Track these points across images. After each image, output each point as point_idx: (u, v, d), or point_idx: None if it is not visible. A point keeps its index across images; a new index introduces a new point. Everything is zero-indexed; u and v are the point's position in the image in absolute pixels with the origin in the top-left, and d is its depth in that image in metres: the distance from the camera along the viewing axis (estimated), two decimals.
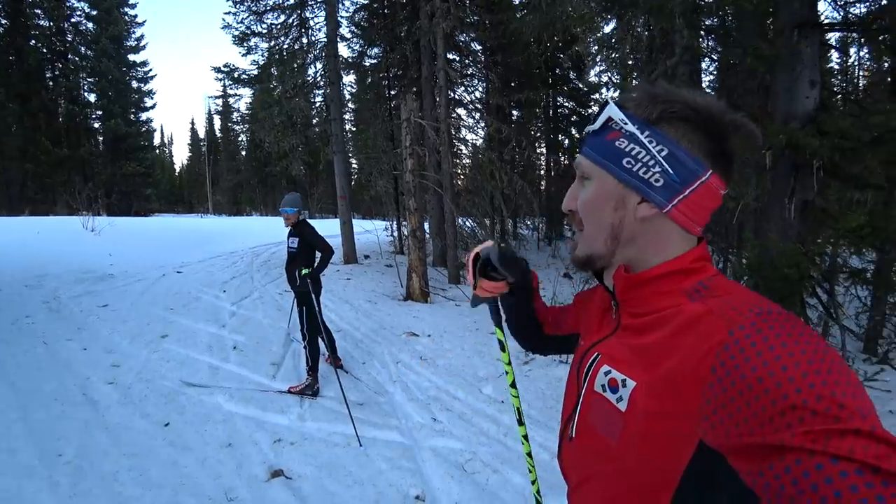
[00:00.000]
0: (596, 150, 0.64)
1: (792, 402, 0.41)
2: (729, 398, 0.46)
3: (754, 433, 0.43)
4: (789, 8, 3.33)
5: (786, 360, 0.43)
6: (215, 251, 11.58)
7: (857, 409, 0.40)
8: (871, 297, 5.66)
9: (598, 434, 0.64)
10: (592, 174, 0.65)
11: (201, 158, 48.45)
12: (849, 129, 3.28)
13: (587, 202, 0.66)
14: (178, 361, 4.39)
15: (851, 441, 0.38)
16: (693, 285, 0.59)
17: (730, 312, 0.51)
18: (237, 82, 11.99)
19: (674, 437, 0.53)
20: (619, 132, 0.62)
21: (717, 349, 0.49)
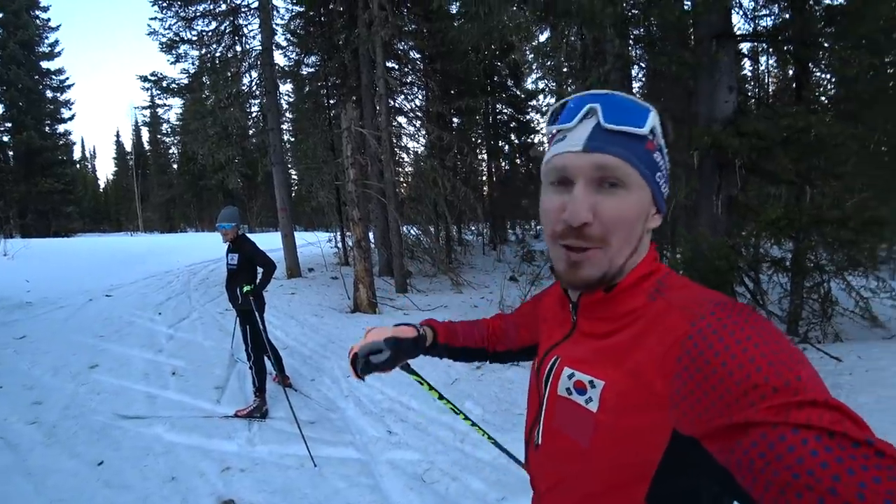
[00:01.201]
0: (639, 158, 0.60)
1: (754, 382, 0.44)
2: (696, 385, 0.49)
3: (723, 414, 0.45)
4: (708, 20, 3.60)
5: (745, 345, 0.47)
6: (148, 271, 10.86)
7: (810, 381, 0.44)
8: (791, 283, 6.17)
9: (566, 437, 0.63)
10: (633, 184, 0.59)
11: (129, 173, 45.24)
12: (763, 130, 3.58)
13: (624, 214, 0.59)
14: (110, 392, 4.05)
15: (808, 411, 0.41)
16: (652, 285, 0.62)
17: (690, 306, 0.55)
18: (166, 92, 11.31)
19: (648, 429, 0.54)
20: (653, 143, 0.62)
21: (681, 340, 0.52)
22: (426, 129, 11.74)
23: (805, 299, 6.15)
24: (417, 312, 7.63)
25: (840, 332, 6.07)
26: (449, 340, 1.04)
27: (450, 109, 12.09)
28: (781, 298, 6.54)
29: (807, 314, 6.24)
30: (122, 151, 49.01)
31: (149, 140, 43.39)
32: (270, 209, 32.76)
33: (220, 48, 10.88)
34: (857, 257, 5.83)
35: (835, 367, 4.78)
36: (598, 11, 3.20)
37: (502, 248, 16.61)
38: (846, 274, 6.18)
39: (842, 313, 6.42)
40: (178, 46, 10.54)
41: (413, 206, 11.19)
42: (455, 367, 5.13)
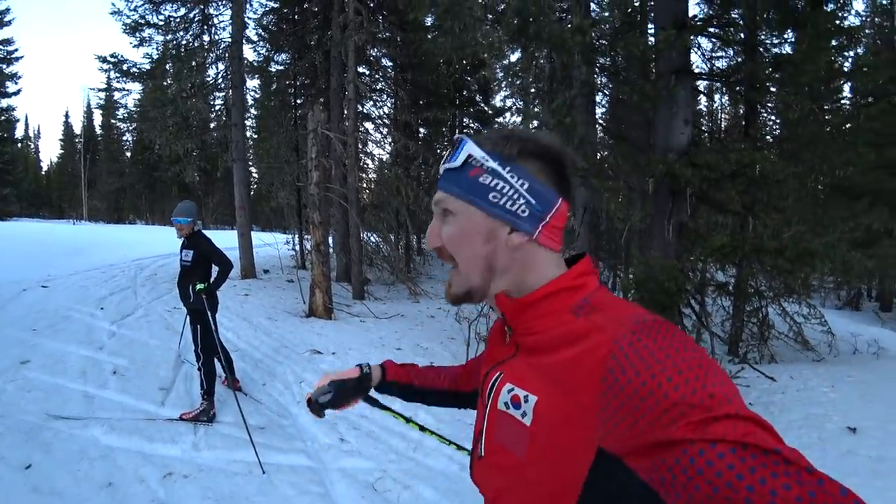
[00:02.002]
0: (459, 186, 0.66)
1: (672, 401, 0.46)
2: (619, 404, 0.51)
3: (645, 433, 0.48)
4: (668, 56, 3.83)
5: (664, 364, 0.49)
6: (91, 263, 10.22)
7: (724, 396, 0.46)
8: (733, 307, 6.56)
9: (505, 451, 0.66)
10: (457, 210, 0.67)
11: (76, 157, 42.43)
12: (714, 163, 3.82)
13: (455, 238, 0.68)
14: (42, 391, 3.76)
15: (724, 425, 0.44)
16: (577, 302, 0.64)
17: (613, 324, 0.56)
18: (125, 75, 10.77)
19: (575, 445, 0.56)
20: (480, 169, 0.65)
21: (605, 360, 0.53)
22: (393, 136, 11.74)
23: (745, 322, 6.56)
24: (374, 320, 7.58)
25: (775, 354, 6.49)
26: (400, 378, 1.07)
27: (417, 119, 12.15)
28: (724, 321, 6.94)
29: (746, 336, 6.66)
30: (70, 134, 46.05)
31: (101, 124, 40.90)
32: (227, 206, 31.70)
33: (187, 36, 10.50)
34: (792, 285, 6.29)
35: (769, 386, 5.11)
36: (568, 38, 3.35)
37: None
38: (782, 300, 6.64)
39: (777, 336, 6.89)
40: (142, 29, 10.08)
41: (375, 213, 11.15)
42: None
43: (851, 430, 4.04)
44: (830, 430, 4.11)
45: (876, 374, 5.56)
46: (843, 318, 10.38)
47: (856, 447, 3.82)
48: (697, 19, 4.28)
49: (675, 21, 3.81)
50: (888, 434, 3.96)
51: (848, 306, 13.75)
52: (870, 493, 3.12)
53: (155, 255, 12.44)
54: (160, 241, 14.88)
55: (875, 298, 14.82)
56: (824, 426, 4.20)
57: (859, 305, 13.86)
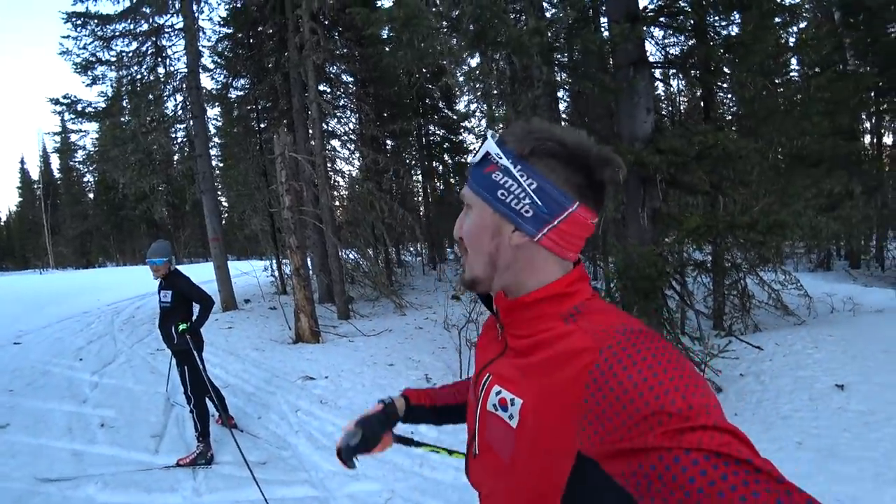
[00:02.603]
0: (476, 181, 0.69)
1: (652, 409, 0.48)
2: (601, 410, 0.52)
3: (623, 439, 0.49)
4: (625, 48, 3.93)
5: (646, 374, 0.51)
6: (63, 313, 9.89)
7: (703, 407, 0.48)
8: (712, 283, 6.73)
9: (493, 452, 0.68)
10: (473, 204, 0.70)
11: (36, 204, 41.07)
12: (679, 147, 3.92)
13: (469, 230, 0.71)
14: (27, 454, 3.61)
15: (700, 434, 0.45)
16: (568, 309, 0.65)
17: (599, 333, 0.58)
18: (81, 116, 10.41)
19: (556, 448, 0.58)
20: (495, 165, 0.66)
21: (589, 367, 0.55)
22: (361, 152, 11.71)
23: (726, 296, 6.74)
24: (362, 338, 7.51)
25: (759, 323, 6.68)
26: (424, 401, 1.05)
27: (383, 132, 12.14)
28: (706, 297, 7.11)
29: (729, 309, 6.83)
30: (27, 180, 44.51)
31: (60, 167, 39.67)
32: (200, 239, 31.12)
33: (141, 70, 10.26)
34: (766, 255, 6.48)
35: (757, 356, 5.26)
36: (526, 40, 3.41)
37: (442, 267, 16.74)
38: (758, 270, 6.84)
39: (758, 306, 7.09)
40: (94, 67, 9.80)
41: (351, 230, 11.08)
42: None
43: (839, 388, 4.17)
44: (819, 390, 4.25)
45: (855, 330, 5.77)
46: (817, 280, 10.73)
47: (846, 403, 3.95)
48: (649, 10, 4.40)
49: (628, 14, 3.92)
50: (874, 387, 4.11)
51: (820, 268, 14.21)
52: (865, 445, 3.24)
53: (130, 297, 12.11)
54: (134, 281, 14.50)
55: (844, 257, 15.37)
56: (813, 386, 4.33)
57: (830, 265, 14.34)
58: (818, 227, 5.44)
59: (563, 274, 0.68)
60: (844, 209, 8.22)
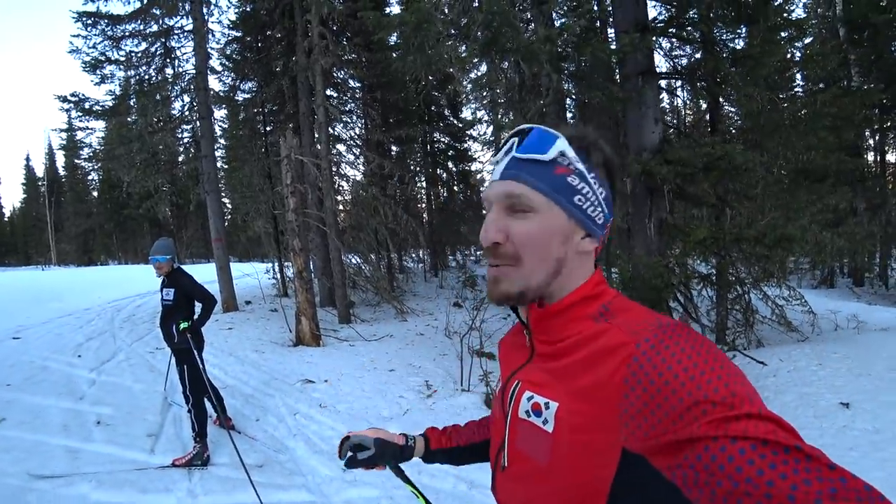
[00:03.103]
0: (544, 182, 0.63)
1: (695, 399, 0.47)
2: (643, 404, 0.51)
3: (668, 431, 0.48)
4: (634, 59, 3.93)
5: (685, 363, 0.50)
6: (64, 309, 9.88)
7: (746, 395, 0.47)
8: (717, 296, 6.69)
9: (528, 458, 0.66)
10: (540, 207, 0.64)
11: (40, 200, 41.22)
12: (687, 158, 3.91)
13: (532, 235, 0.64)
14: (22, 450, 3.56)
15: (745, 423, 0.44)
16: (597, 309, 0.65)
17: (634, 328, 0.57)
18: (88, 114, 10.45)
19: (599, 448, 0.57)
20: (569, 169, 0.64)
21: (627, 362, 0.54)
22: (366, 157, 11.73)
23: (729, 310, 6.69)
24: (363, 343, 7.48)
25: (762, 339, 6.61)
26: (444, 444, 1.04)
27: (389, 138, 12.17)
28: (709, 310, 7.06)
29: (732, 323, 6.77)
30: (32, 177, 44.74)
31: (65, 165, 39.75)
32: (202, 239, 31.15)
33: (150, 70, 10.33)
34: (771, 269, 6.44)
35: (761, 371, 5.19)
36: (537, 48, 3.41)
37: (444, 274, 16.71)
38: (762, 285, 6.80)
39: (761, 321, 7.02)
40: (103, 66, 9.86)
41: (354, 235, 11.07)
42: (406, 398, 5.06)
43: (844, 405, 4.12)
44: (824, 407, 4.19)
45: (860, 348, 5.70)
46: (820, 297, 10.68)
47: (851, 421, 3.89)
48: (658, 21, 4.42)
49: (637, 24, 3.92)
50: (880, 406, 4.05)
51: (823, 284, 14.15)
52: (871, 465, 3.19)
53: (131, 296, 12.11)
54: (135, 280, 14.50)
55: (847, 275, 15.30)
56: (818, 404, 4.27)
57: (834, 283, 14.28)
58: (823, 243, 5.42)
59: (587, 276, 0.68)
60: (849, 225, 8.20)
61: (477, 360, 5.75)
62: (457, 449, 1.03)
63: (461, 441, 1.03)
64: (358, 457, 0.98)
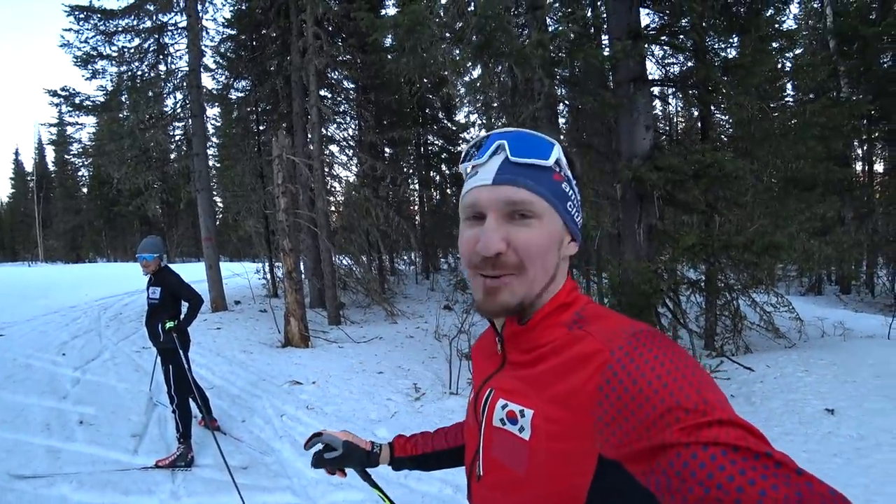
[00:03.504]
0: (546, 188, 0.63)
1: (668, 406, 0.47)
2: (617, 411, 0.51)
3: (641, 438, 0.48)
4: (626, 65, 3.95)
5: (659, 371, 0.50)
6: (49, 306, 9.74)
7: (717, 402, 0.48)
8: (705, 302, 6.73)
9: (504, 467, 0.65)
10: (543, 214, 0.62)
11: (28, 196, 40.67)
12: (677, 165, 3.94)
13: (537, 243, 0.62)
14: (2, 450, 3.50)
15: (716, 429, 0.45)
16: (571, 317, 0.65)
17: (608, 335, 0.57)
18: (78, 109, 10.32)
19: (576, 455, 0.57)
20: (561, 175, 0.65)
21: (601, 369, 0.54)
22: (359, 158, 11.69)
23: (718, 316, 6.74)
24: (352, 345, 7.44)
25: (750, 345, 6.66)
26: (409, 451, 1.05)
27: (382, 139, 12.15)
28: (698, 316, 7.11)
29: (720, 330, 6.82)
30: (21, 172, 44.09)
31: (54, 160, 39.23)
32: (192, 238, 30.88)
33: (142, 66, 10.23)
34: (759, 276, 6.50)
35: (748, 377, 5.23)
36: (531, 53, 3.43)
37: (435, 276, 16.69)
38: (751, 291, 6.85)
39: (750, 327, 7.08)
40: (95, 61, 9.76)
41: (345, 236, 11.02)
42: (394, 400, 5.04)
43: (830, 412, 4.15)
44: (810, 414, 4.22)
45: (845, 354, 5.76)
46: (807, 304, 10.78)
47: (836, 428, 3.92)
48: (651, 28, 4.45)
49: (630, 31, 3.95)
50: (865, 412, 4.09)
51: (811, 292, 14.30)
52: (855, 471, 3.22)
53: (119, 294, 11.97)
54: (123, 278, 14.34)
55: (835, 282, 15.48)
56: (804, 410, 4.31)
57: (821, 290, 14.44)
58: (811, 251, 5.47)
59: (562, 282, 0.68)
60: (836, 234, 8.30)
61: (465, 364, 5.74)
62: (422, 456, 1.04)
63: (427, 448, 1.04)
64: (325, 456, 1.01)
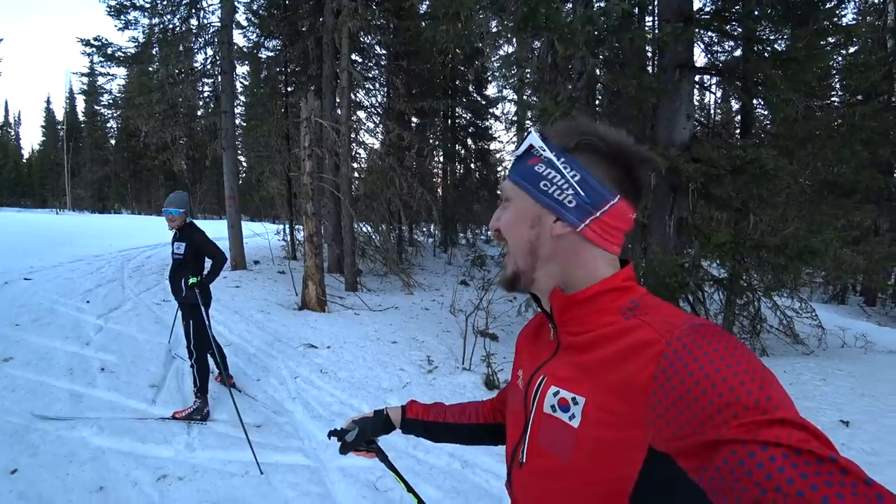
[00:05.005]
0: (517, 174, 0.70)
1: (726, 401, 0.46)
2: (671, 403, 0.50)
3: (696, 433, 0.47)
4: (673, 50, 3.77)
5: (718, 364, 0.49)
6: (75, 254, 9.98)
7: (780, 401, 0.46)
8: (725, 301, 6.61)
9: (550, 454, 0.65)
10: (512, 196, 0.72)
11: (58, 145, 41.29)
12: (716, 159, 3.79)
13: (508, 221, 0.72)
14: (27, 390, 3.63)
15: (777, 429, 0.43)
16: (626, 303, 0.63)
17: (665, 326, 0.56)
18: (110, 60, 10.34)
19: (625, 445, 0.56)
20: (538, 158, 0.68)
21: (657, 359, 0.53)
22: (386, 126, 11.57)
23: (737, 316, 6.62)
24: (368, 312, 7.50)
25: (766, 348, 6.56)
26: (420, 416, 1.08)
27: (411, 108, 11.99)
28: (717, 314, 7.00)
29: (738, 330, 6.72)
30: (51, 120, 44.87)
31: (84, 111, 39.71)
32: (215, 195, 31.25)
33: (174, 19, 10.17)
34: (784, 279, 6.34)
35: None
36: (578, 28, 3.29)
37: (453, 251, 16.67)
38: (773, 294, 6.70)
39: (768, 330, 6.96)
40: (127, 12, 9.73)
41: (367, 204, 11.01)
42: (406, 371, 5.09)
43: (844, 424, 4.08)
44: (824, 424, 4.15)
45: (866, 367, 5.64)
46: (829, 312, 10.54)
47: (850, 441, 3.85)
48: (703, 13, 4.23)
49: (681, 14, 3.76)
50: (880, 428, 4.01)
51: (834, 300, 13.97)
52: None
53: (142, 246, 12.23)
54: (147, 231, 14.64)
55: (860, 293, 15.07)
56: (818, 419, 4.23)
57: (845, 299, 14.09)
58: (842, 259, 5.29)
59: (612, 269, 0.68)
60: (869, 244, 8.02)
61: (480, 340, 5.75)
62: (433, 423, 1.06)
63: (439, 417, 1.07)
64: (346, 439, 1.07)
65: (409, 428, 1.08)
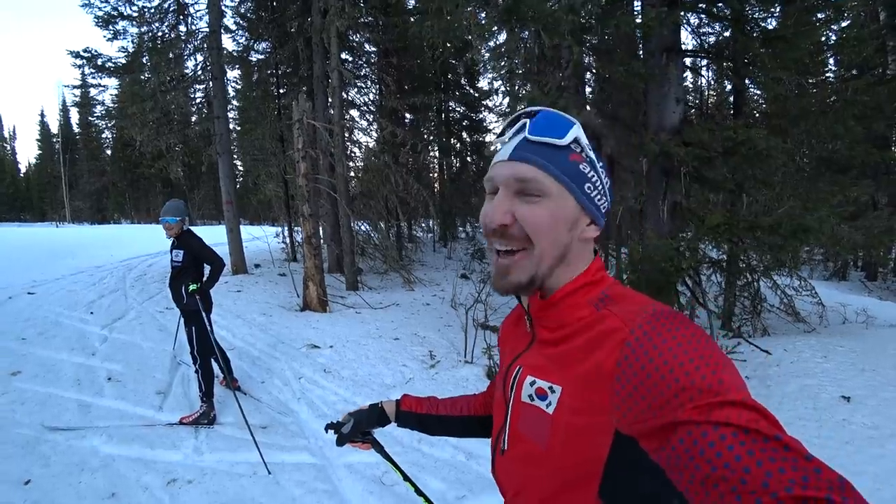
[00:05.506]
0: (558, 167, 0.63)
1: (682, 385, 0.48)
2: (633, 388, 0.53)
3: (656, 416, 0.50)
4: (659, 34, 3.77)
5: (676, 350, 0.51)
6: (77, 266, 10.04)
7: (732, 384, 0.48)
8: (725, 282, 6.63)
9: (528, 441, 0.67)
10: (552, 192, 0.63)
11: (55, 157, 41.33)
12: (707, 141, 3.80)
13: (543, 220, 0.63)
14: (36, 402, 3.69)
15: (728, 410, 0.45)
16: (597, 295, 0.66)
17: (629, 314, 0.59)
18: (101, 71, 10.34)
19: (594, 430, 0.58)
20: (581, 156, 0.65)
21: (620, 346, 0.56)
22: (379, 123, 11.56)
23: (737, 297, 6.64)
24: (369, 311, 7.54)
25: (768, 327, 6.57)
26: (414, 408, 1.08)
27: (403, 105, 11.97)
28: (717, 296, 7.02)
29: (739, 311, 6.74)
30: (47, 133, 44.82)
31: (79, 122, 39.57)
32: (213, 201, 31.24)
33: (163, 27, 10.15)
34: (783, 259, 6.35)
35: (765, 360, 5.18)
36: (561, 18, 3.29)
37: (453, 245, 16.68)
38: (773, 273, 6.71)
39: (769, 309, 6.97)
40: (116, 22, 9.70)
41: (364, 202, 11.02)
42: (409, 367, 5.13)
43: (846, 399, 4.11)
44: (825, 400, 4.18)
45: (867, 343, 5.65)
46: (830, 289, 10.55)
47: (850, 416, 3.89)
48: None
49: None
50: (881, 402, 4.03)
51: (835, 276, 13.96)
52: (865, 459, 3.20)
53: (143, 255, 12.27)
54: (147, 239, 14.68)
55: (861, 268, 15.06)
56: (819, 396, 4.26)
57: (846, 275, 14.08)
58: (840, 236, 5.30)
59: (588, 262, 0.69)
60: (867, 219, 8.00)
61: (481, 333, 5.79)
62: (427, 416, 1.07)
63: (433, 410, 1.07)
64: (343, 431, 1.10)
65: (403, 420, 1.08)
